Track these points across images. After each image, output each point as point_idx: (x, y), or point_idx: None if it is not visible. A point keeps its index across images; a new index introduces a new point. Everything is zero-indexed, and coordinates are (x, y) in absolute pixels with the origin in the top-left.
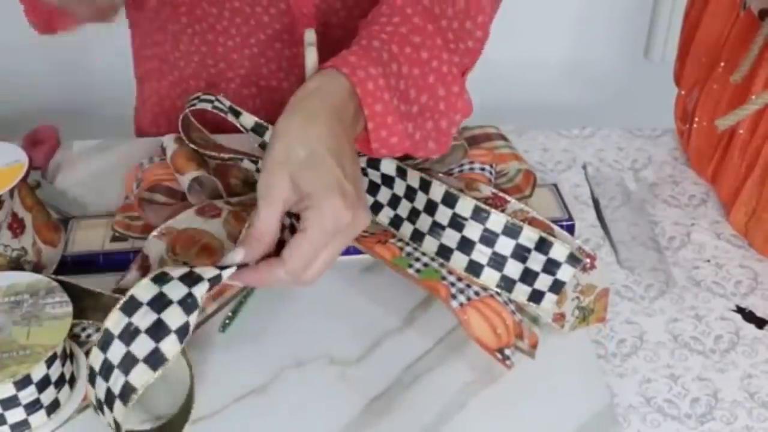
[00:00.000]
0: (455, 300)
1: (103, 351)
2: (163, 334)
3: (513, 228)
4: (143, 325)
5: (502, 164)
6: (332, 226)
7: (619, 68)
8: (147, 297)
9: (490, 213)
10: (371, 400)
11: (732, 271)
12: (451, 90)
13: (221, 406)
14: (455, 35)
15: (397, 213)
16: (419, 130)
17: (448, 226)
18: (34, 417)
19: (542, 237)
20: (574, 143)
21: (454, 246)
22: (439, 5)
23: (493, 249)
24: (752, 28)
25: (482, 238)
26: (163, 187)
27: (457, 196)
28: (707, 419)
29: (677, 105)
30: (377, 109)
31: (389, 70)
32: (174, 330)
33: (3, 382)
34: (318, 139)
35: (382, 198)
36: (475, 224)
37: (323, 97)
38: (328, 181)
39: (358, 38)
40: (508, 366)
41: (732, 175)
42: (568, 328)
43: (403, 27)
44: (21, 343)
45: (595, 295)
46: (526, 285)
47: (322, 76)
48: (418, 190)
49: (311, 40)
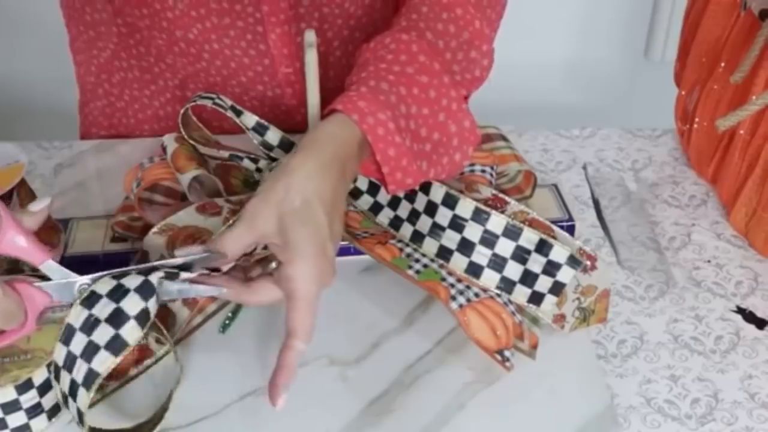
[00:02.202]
0: (455, 301)
1: (66, 344)
2: (123, 320)
3: (513, 229)
4: (103, 315)
5: (502, 165)
6: (320, 285)
7: (619, 68)
8: (106, 290)
9: (491, 214)
10: (371, 401)
11: (732, 272)
12: (463, 125)
13: (221, 406)
14: (461, 67)
15: (397, 214)
16: (434, 167)
17: (448, 228)
18: (36, 421)
19: (542, 239)
20: (574, 143)
21: (454, 247)
22: (442, 39)
23: (493, 250)
24: (752, 29)
25: (482, 239)
26: (163, 186)
27: (457, 197)
28: (707, 420)
29: (677, 105)
30: (390, 154)
31: (398, 112)
32: (133, 316)
33: (5, 386)
34: (318, 193)
35: (381, 199)
36: (476, 225)
37: (336, 146)
38: (315, 240)
39: (365, 77)
40: (508, 368)
41: (732, 175)
42: (569, 329)
43: (409, 67)
44: (22, 347)
45: (596, 296)
46: (526, 287)
47: (337, 121)
48: (419, 191)
49: (311, 40)
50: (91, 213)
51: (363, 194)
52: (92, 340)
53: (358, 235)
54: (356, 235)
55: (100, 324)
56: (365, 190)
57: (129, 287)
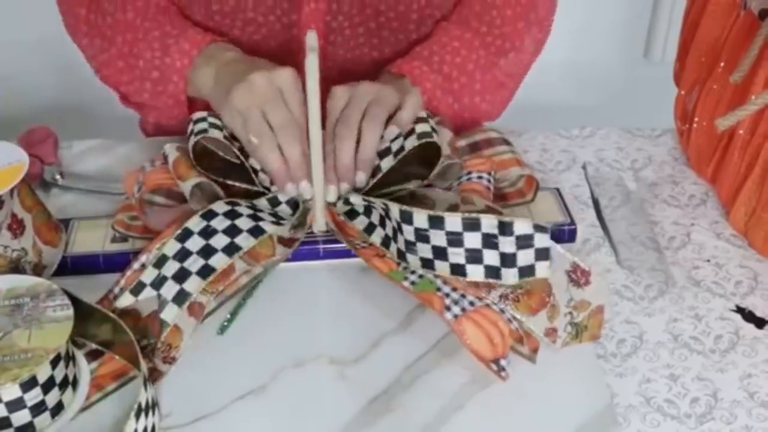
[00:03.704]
0: (449, 312)
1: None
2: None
3: (470, 222)
4: (220, 227)
5: (503, 171)
6: None
7: (618, 68)
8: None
9: (444, 217)
10: (370, 401)
11: (732, 271)
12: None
13: (221, 406)
14: (500, 40)
15: (386, 233)
16: (458, 103)
17: (417, 241)
18: (39, 419)
19: (501, 221)
20: (574, 143)
21: (431, 256)
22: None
23: (464, 247)
24: (752, 28)
25: (449, 241)
26: (164, 189)
27: (410, 212)
28: (707, 419)
29: (677, 105)
30: (427, 86)
31: (432, 60)
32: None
33: (9, 384)
34: None
35: (375, 219)
36: (436, 231)
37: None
38: None
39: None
40: (503, 378)
41: (732, 175)
42: (560, 344)
43: (449, 45)
44: (22, 346)
45: (589, 311)
46: (511, 267)
47: None
48: (385, 216)
49: (313, 43)
50: (91, 213)
51: (359, 215)
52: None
53: (357, 245)
54: (356, 245)
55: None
56: (362, 212)
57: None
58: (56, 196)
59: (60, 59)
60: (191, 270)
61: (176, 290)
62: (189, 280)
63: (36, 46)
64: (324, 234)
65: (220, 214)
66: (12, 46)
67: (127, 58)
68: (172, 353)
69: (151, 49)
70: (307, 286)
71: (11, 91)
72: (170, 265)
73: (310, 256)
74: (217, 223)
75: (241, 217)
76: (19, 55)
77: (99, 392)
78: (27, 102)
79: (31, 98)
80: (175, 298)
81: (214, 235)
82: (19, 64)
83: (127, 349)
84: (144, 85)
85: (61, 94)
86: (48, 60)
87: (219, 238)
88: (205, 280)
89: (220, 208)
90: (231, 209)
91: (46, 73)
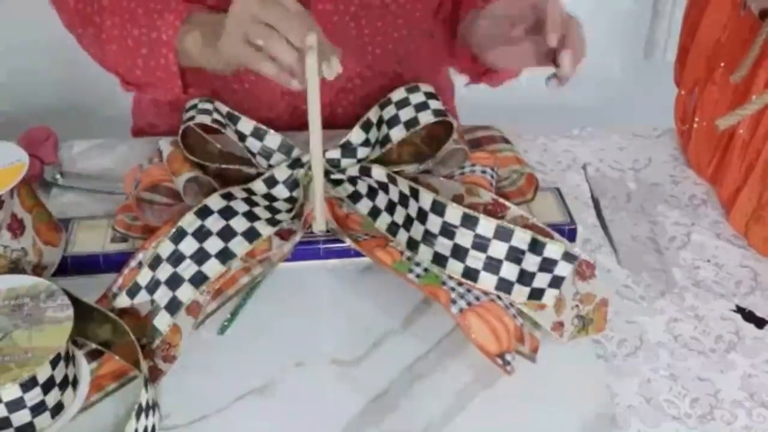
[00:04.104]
0: (455, 305)
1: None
2: (231, 235)
3: (504, 231)
4: (214, 228)
5: (503, 168)
6: None
7: (619, 68)
8: (218, 206)
9: (479, 219)
10: (371, 400)
11: (732, 271)
12: None
13: (221, 406)
14: None
15: (393, 220)
16: None
17: (439, 235)
18: (39, 419)
19: (534, 238)
20: (574, 143)
21: (447, 254)
22: None
23: (486, 253)
24: (752, 29)
25: (474, 244)
26: (164, 187)
27: (444, 204)
28: (707, 419)
29: (677, 105)
30: None
31: None
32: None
33: (10, 384)
34: None
35: (380, 203)
36: (466, 231)
37: None
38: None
39: None
40: (509, 372)
41: (732, 175)
42: (567, 338)
43: None
44: (23, 346)
45: (595, 304)
46: (524, 285)
47: None
48: (410, 197)
49: (312, 43)
50: (91, 213)
51: (363, 198)
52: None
53: (358, 237)
54: (357, 237)
55: (211, 236)
56: (365, 194)
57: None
58: (56, 196)
59: (60, 59)
60: (184, 277)
61: (169, 298)
62: (182, 288)
63: (36, 46)
64: (324, 234)
65: (215, 212)
66: (12, 46)
67: (118, 40)
68: (171, 352)
69: (138, 27)
70: (308, 286)
71: (11, 91)
72: (164, 267)
73: (310, 256)
74: (212, 223)
75: (236, 216)
76: (19, 55)
77: (99, 392)
78: (27, 102)
79: (31, 98)
80: (167, 306)
81: (209, 237)
82: (19, 64)
83: (127, 349)
84: (136, 62)
85: (61, 94)
86: (48, 60)
87: (213, 241)
88: (198, 288)
89: (215, 204)
90: (226, 204)
91: (46, 73)
